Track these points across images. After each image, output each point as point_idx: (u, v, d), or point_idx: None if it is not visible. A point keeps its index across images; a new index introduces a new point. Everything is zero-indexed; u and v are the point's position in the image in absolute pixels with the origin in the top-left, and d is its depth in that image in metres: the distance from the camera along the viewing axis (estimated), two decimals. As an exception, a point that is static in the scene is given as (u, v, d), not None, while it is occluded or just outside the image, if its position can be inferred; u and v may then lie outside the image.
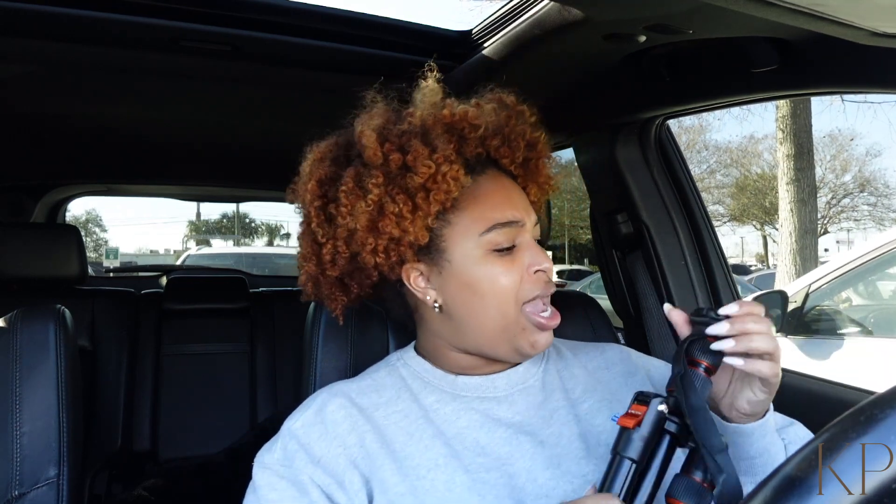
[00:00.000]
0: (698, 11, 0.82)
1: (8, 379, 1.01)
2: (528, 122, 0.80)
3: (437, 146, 0.73)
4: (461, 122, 0.75)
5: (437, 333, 0.81)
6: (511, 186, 0.79)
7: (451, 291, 0.76)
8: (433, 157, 0.72)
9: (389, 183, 0.73)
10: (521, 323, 0.75)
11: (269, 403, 2.30)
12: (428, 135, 0.74)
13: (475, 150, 0.77)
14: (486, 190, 0.76)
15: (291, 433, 0.74)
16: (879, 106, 13.98)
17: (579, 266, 20.03)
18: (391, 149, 0.73)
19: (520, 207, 0.77)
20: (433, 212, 0.73)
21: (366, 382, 0.80)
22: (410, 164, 0.72)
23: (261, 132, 1.89)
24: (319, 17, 1.15)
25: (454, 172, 0.72)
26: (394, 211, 0.72)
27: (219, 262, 6.17)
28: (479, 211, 0.75)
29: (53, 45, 1.11)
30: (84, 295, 2.08)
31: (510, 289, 0.74)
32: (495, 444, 0.74)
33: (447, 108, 0.75)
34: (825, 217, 18.73)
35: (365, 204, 0.73)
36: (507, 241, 0.75)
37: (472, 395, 0.78)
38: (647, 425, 0.61)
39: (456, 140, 0.75)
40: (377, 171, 0.73)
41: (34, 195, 2.63)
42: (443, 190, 0.72)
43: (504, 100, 0.80)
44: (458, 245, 0.75)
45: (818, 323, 2.91)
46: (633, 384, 0.84)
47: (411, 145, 0.73)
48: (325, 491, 0.69)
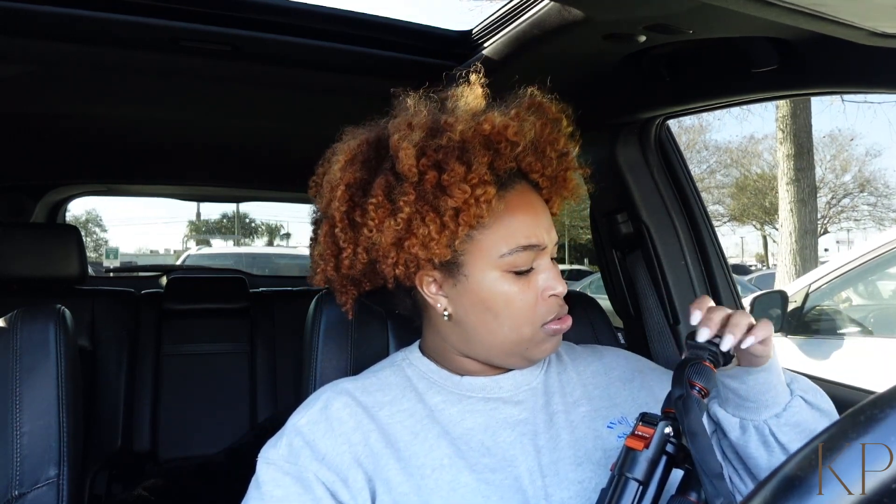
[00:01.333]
0: (698, 11, 0.82)
1: (8, 379, 1.01)
2: (563, 132, 0.79)
3: (472, 164, 0.71)
4: (499, 138, 0.73)
5: (444, 337, 0.81)
6: (537, 204, 0.78)
7: (464, 304, 0.76)
8: (468, 177, 0.70)
9: (420, 200, 0.71)
10: (536, 338, 0.76)
11: (269, 403, 2.30)
12: (465, 151, 0.72)
13: (508, 164, 0.75)
14: (513, 208, 0.75)
15: (297, 429, 0.74)
16: (879, 106, 14.00)
17: (579, 266, 20.02)
18: (427, 165, 0.71)
19: (543, 229, 0.76)
20: (461, 234, 0.72)
21: (370, 381, 0.80)
22: (446, 184, 0.70)
23: (261, 132, 1.89)
24: (319, 17, 1.15)
25: (487, 196, 0.71)
26: (422, 232, 0.71)
27: (219, 262, 6.16)
28: (504, 232, 0.74)
29: (53, 45, 1.11)
30: (84, 295, 2.08)
31: (524, 310, 0.74)
32: (500, 445, 0.74)
33: (487, 122, 0.72)
34: (825, 217, 18.73)
35: (394, 221, 0.72)
36: (526, 263, 0.74)
37: (477, 396, 0.78)
38: (654, 448, 0.61)
39: (491, 154, 0.73)
40: (409, 186, 0.71)
41: (34, 195, 2.63)
42: (474, 214, 0.71)
43: (542, 106, 0.78)
44: (478, 262, 0.74)
45: (818, 323, 2.91)
46: (630, 390, 0.84)
47: (448, 164, 0.70)
48: (330, 488, 0.69)
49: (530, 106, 0.78)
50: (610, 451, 0.75)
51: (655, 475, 0.61)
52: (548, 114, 0.78)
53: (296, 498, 0.68)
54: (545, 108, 0.78)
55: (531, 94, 0.79)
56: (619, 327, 1.56)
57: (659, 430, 0.62)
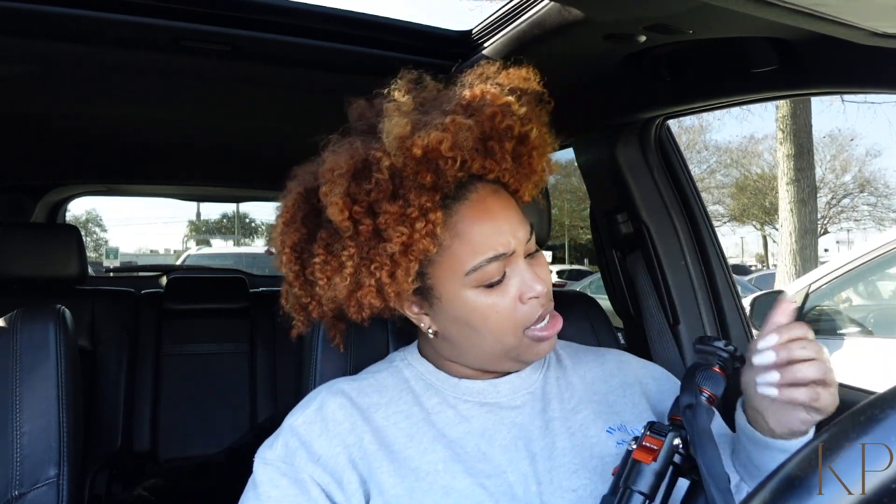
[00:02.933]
0: (698, 11, 0.82)
1: (8, 379, 1.01)
2: (517, 116, 0.72)
3: (409, 197, 0.67)
4: (434, 155, 0.67)
5: (436, 349, 0.81)
6: (497, 208, 0.72)
7: (445, 323, 0.75)
8: (407, 212, 0.66)
9: (361, 252, 0.69)
10: (522, 344, 0.74)
11: (269, 403, 2.30)
12: (399, 184, 0.68)
13: (455, 175, 0.70)
14: (470, 221, 0.70)
15: (292, 430, 0.73)
16: (879, 106, 13.98)
17: (579, 266, 20.02)
18: (360, 213, 0.68)
19: (508, 233, 0.71)
20: (413, 270, 0.70)
21: (367, 382, 0.79)
22: (383, 228, 0.67)
23: (261, 132, 1.89)
24: (320, 17, 1.15)
25: (429, 228, 0.67)
26: (372, 282, 0.69)
27: (219, 262, 6.17)
28: (466, 248, 0.70)
29: (53, 45, 1.11)
30: (84, 295, 2.08)
31: (503, 320, 0.72)
32: (496, 450, 0.74)
33: (416, 146, 0.67)
34: (825, 217, 18.73)
35: (340, 277, 0.70)
36: (496, 274, 0.71)
37: (474, 401, 0.78)
38: (661, 461, 0.60)
39: (432, 173, 0.68)
40: (347, 239, 0.69)
41: (34, 195, 2.63)
42: (421, 249, 0.68)
43: (485, 95, 0.71)
44: (446, 283, 0.72)
45: (818, 323, 2.91)
46: (630, 395, 0.83)
47: (381, 206, 0.67)
48: (325, 490, 0.69)
49: (468, 107, 0.71)
50: (607, 458, 0.73)
51: (662, 487, 0.60)
52: (494, 102, 0.71)
53: (292, 499, 0.68)
54: (486, 96, 0.71)
55: (471, 87, 0.73)
56: (619, 327, 1.56)
57: (668, 443, 0.60)
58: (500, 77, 0.76)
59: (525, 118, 0.73)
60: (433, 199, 0.68)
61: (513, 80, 0.76)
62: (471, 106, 0.71)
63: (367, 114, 0.78)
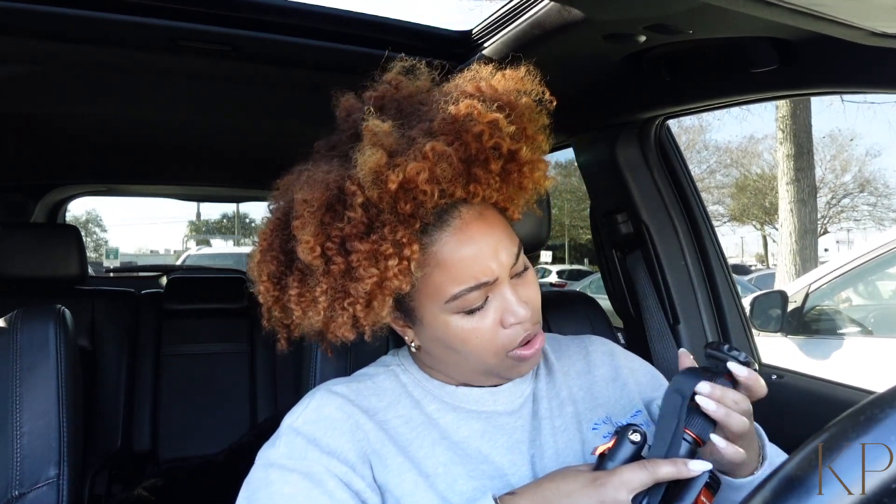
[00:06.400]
0: (698, 11, 0.82)
1: (8, 379, 1.01)
2: (505, 133, 0.67)
3: (384, 233, 0.64)
4: (411, 186, 0.64)
5: (423, 360, 0.81)
6: (479, 234, 0.69)
7: (427, 342, 0.75)
8: (381, 249, 0.64)
9: (334, 288, 0.67)
10: (504, 364, 0.73)
11: (269, 403, 2.30)
12: (375, 217, 0.65)
13: (436, 203, 0.66)
14: (449, 250, 0.68)
15: (294, 430, 0.72)
16: (879, 106, 13.99)
17: (579, 266, 20.02)
18: (332, 250, 0.65)
19: (490, 259, 0.68)
20: (388, 304, 0.68)
21: (364, 385, 0.79)
22: (355, 266, 0.65)
23: (261, 132, 1.89)
24: (319, 17, 1.15)
25: (404, 266, 0.65)
26: (345, 318, 0.68)
27: (219, 262, 6.17)
28: (442, 279, 0.68)
29: (53, 45, 1.11)
30: (84, 295, 2.08)
31: (484, 344, 0.70)
32: (497, 453, 0.74)
33: (391, 180, 0.63)
34: (825, 217, 18.74)
35: (314, 312, 0.68)
36: (477, 300, 0.69)
37: (472, 408, 0.78)
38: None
39: (411, 203, 0.65)
40: (320, 275, 0.67)
41: (34, 195, 2.63)
42: (393, 287, 0.66)
43: (471, 112, 0.66)
44: (427, 308, 0.71)
45: (818, 323, 2.91)
46: (614, 389, 0.84)
47: (353, 244, 0.65)
48: (343, 479, 0.68)
49: (452, 124, 0.66)
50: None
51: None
52: (480, 120, 0.66)
53: (306, 493, 0.66)
54: (475, 117, 0.66)
55: (456, 103, 0.68)
56: (619, 327, 1.56)
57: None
58: (494, 79, 0.73)
59: (514, 135, 0.69)
60: (411, 229, 0.65)
61: (508, 82, 0.73)
62: (456, 124, 0.66)
63: (354, 111, 0.75)
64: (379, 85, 0.75)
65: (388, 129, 0.67)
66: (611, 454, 0.62)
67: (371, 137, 0.66)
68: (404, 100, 0.73)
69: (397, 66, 0.76)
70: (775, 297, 2.93)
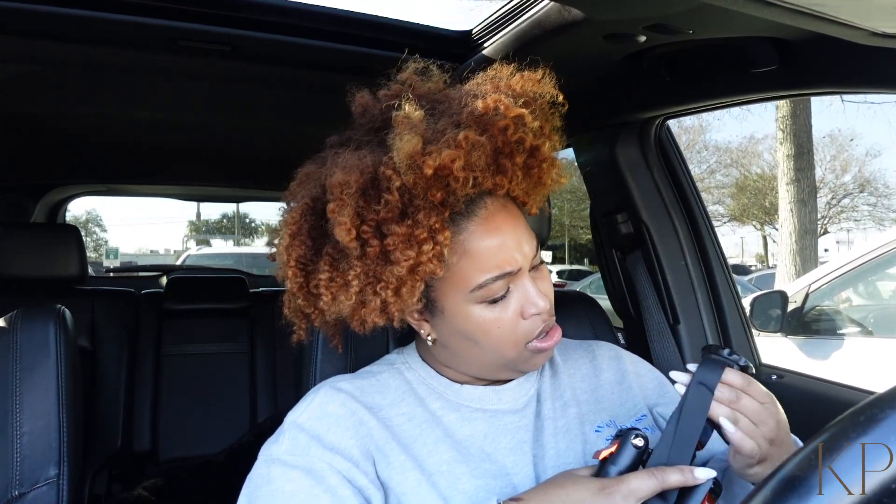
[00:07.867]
0: (698, 11, 0.82)
1: (8, 379, 1.01)
2: (530, 128, 0.70)
3: (418, 218, 0.66)
4: (445, 172, 0.65)
5: (434, 356, 0.81)
6: (506, 223, 0.71)
7: (446, 334, 0.75)
8: (415, 234, 0.65)
9: (367, 272, 0.68)
10: (521, 356, 0.74)
11: (269, 403, 2.30)
12: (408, 202, 0.67)
13: (464, 192, 0.68)
14: (476, 239, 0.69)
15: (297, 426, 0.72)
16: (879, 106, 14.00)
17: (579, 266, 20.03)
18: (368, 233, 0.66)
19: (514, 250, 0.70)
20: (418, 290, 0.69)
21: (367, 382, 0.79)
22: (390, 250, 0.66)
23: (261, 132, 1.89)
24: (319, 17, 1.15)
25: (438, 250, 0.66)
26: (376, 302, 0.68)
27: (219, 262, 6.18)
28: (472, 265, 0.69)
29: (53, 45, 1.11)
30: (84, 295, 2.08)
31: (504, 335, 0.72)
32: (500, 452, 0.74)
33: (427, 165, 0.65)
34: (825, 217, 18.73)
35: (346, 296, 0.69)
36: (500, 290, 0.70)
37: (477, 406, 0.78)
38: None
39: (443, 191, 0.67)
40: (354, 259, 0.68)
41: (34, 195, 2.63)
42: (427, 271, 0.67)
43: (498, 106, 0.69)
44: (450, 298, 0.72)
45: (818, 323, 2.91)
46: (619, 392, 0.84)
47: (389, 227, 0.66)
48: (346, 476, 0.68)
49: (480, 119, 0.69)
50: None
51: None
52: (507, 115, 0.69)
53: (307, 489, 0.66)
54: (501, 111, 0.69)
55: (484, 97, 0.70)
56: (619, 327, 1.56)
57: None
58: (513, 80, 0.74)
59: (538, 131, 0.72)
60: (442, 217, 0.67)
61: (526, 83, 0.74)
62: (484, 118, 0.69)
63: (371, 108, 0.76)
64: (394, 84, 0.76)
65: (421, 116, 0.68)
66: (613, 459, 0.62)
67: (406, 123, 0.68)
68: (421, 98, 0.74)
69: (411, 67, 0.77)
70: (775, 297, 2.93)
